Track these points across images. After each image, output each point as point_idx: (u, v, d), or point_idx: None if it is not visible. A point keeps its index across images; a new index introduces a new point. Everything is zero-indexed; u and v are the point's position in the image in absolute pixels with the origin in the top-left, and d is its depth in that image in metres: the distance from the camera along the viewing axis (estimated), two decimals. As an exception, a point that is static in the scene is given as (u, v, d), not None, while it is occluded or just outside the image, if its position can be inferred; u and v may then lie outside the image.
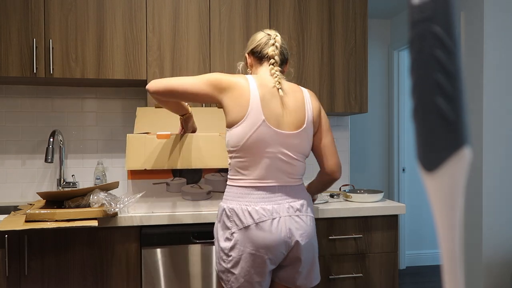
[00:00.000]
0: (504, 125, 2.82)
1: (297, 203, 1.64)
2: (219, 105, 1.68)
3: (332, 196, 2.53)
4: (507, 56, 2.81)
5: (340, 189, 2.70)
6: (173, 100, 1.73)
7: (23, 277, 1.94)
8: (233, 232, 1.57)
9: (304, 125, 1.67)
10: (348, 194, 2.40)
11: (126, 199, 1.92)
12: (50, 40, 2.27)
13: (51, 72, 2.27)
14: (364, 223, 2.25)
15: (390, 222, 2.28)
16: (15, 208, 2.24)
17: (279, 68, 1.71)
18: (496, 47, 2.80)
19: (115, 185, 2.17)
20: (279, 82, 1.67)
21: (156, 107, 2.23)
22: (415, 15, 0.44)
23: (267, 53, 1.72)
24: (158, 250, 2.04)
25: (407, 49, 4.09)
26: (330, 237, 2.20)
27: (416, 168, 4.26)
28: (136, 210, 2.01)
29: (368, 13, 3.85)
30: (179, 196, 2.05)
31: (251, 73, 1.79)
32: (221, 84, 1.63)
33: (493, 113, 2.80)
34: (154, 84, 1.66)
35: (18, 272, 1.93)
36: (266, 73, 1.71)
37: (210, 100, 1.67)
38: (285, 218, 1.59)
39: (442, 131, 0.43)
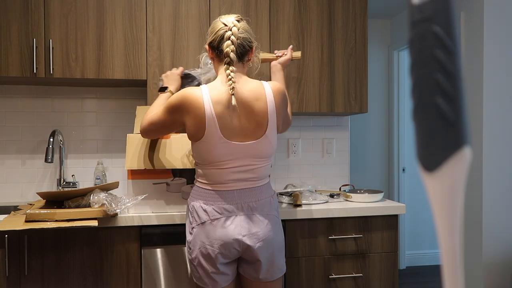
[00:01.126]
0: (504, 125, 2.82)
1: (256, 203, 1.67)
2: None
3: (332, 196, 2.53)
4: (507, 56, 2.81)
5: (340, 189, 2.71)
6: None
7: (23, 277, 1.94)
8: (193, 227, 1.67)
9: (266, 132, 1.64)
10: (348, 194, 2.40)
11: (127, 200, 1.92)
12: (50, 40, 2.27)
13: (51, 72, 2.27)
14: (364, 223, 2.25)
15: (390, 222, 2.28)
16: (15, 208, 2.24)
17: (234, 68, 1.61)
18: (496, 47, 2.80)
19: (115, 185, 2.17)
20: (233, 88, 1.58)
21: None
22: (415, 15, 0.44)
23: (223, 50, 1.62)
24: (158, 250, 2.04)
25: (407, 49, 4.08)
26: (330, 237, 2.21)
27: (416, 168, 4.26)
28: (136, 210, 2.01)
29: (368, 13, 3.85)
30: (179, 196, 2.05)
31: (213, 65, 1.76)
32: (175, 107, 1.65)
33: (493, 113, 2.80)
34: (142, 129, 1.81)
35: (18, 272, 1.93)
36: (223, 76, 1.64)
37: (180, 125, 1.69)
38: (240, 217, 1.64)
39: (442, 131, 0.43)
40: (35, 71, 2.25)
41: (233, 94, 1.59)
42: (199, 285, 1.70)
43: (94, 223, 1.83)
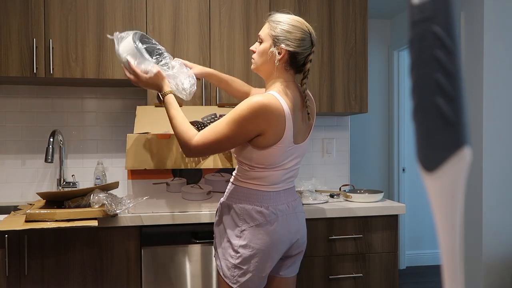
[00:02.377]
0: (504, 125, 2.82)
1: (295, 202, 1.73)
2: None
3: (332, 196, 2.53)
4: (507, 56, 2.81)
5: (340, 189, 2.71)
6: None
7: (23, 277, 1.94)
8: (244, 230, 1.60)
9: (310, 132, 1.73)
10: (348, 194, 2.40)
11: (127, 201, 1.93)
12: (50, 40, 2.27)
13: (51, 72, 2.27)
14: (364, 223, 2.25)
15: (390, 222, 2.28)
16: (15, 208, 2.24)
17: (306, 87, 1.68)
18: (496, 47, 2.80)
19: (115, 185, 2.17)
20: (309, 107, 1.67)
21: (156, 106, 2.23)
22: (415, 15, 0.44)
23: (302, 66, 1.65)
24: (158, 250, 2.04)
25: (407, 49, 4.08)
26: (330, 237, 2.20)
27: (416, 168, 4.26)
28: (136, 210, 2.01)
29: (368, 13, 3.85)
30: (179, 196, 2.05)
31: (275, 64, 1.61)
32: (254, 116, 1.52)
33: (493, 113, 2.80)
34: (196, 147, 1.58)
35: (18, 272, 1.93)
36: (290, 84, 1.65)
37: (253, 136, 1.59)
38: (290, 216, 1.67)
39: (442, 131, 0.43)
40: (35, 71, 2.25)
41: (308, 113, 1.66)
42: None
43: (94, 223, 1.83)
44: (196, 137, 1.57)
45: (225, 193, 1.72)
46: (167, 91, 1.70)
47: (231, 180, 1.72)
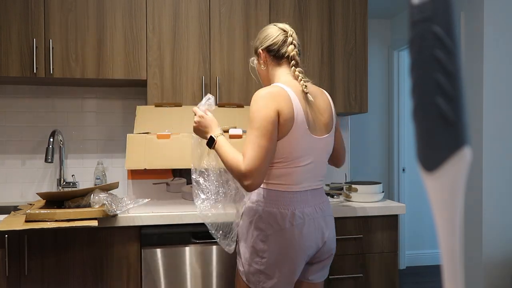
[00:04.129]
0: (504, 125, 2.82)
1: (323, 205, 1.68)
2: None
3: (332, 196, 2.53)
4: (507, 56, 2.81)
5: (343, 184, 2.71)
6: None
7: (23, 277, 1.94)
8: (269, 234, 1.56)
9: (333, 128, 1.70)
10: (348, 194, 2.40)
11: (128, 202, 1.93)
12: (50, 40, 2.27)
13: (51, 72, 2.27)
14: (364, 223, 2.25)
15: (390, 222, 2.28)
16: (15, 208, 2.24)
17: (301, 69, 1.66)
18: (496, 47, 2.80)
19: (115, 185, 2.17)
20: (306, 86, 1.62)
21: (156, 106, 2.23)
22: (415, 15, 0.44)
23: (286, 53, 1.66)
24: (158, 250, 2.04)
25: (407, 49, 4.08)
26: (330, 237, 2.20)
27: (416, 168, 4.26)
28: (136, 210, 2.01)
29: (368, 13, 3.85)
30: (179, 196, 2.05)
31: (264, 68, 1.71)
32: (270, 98, 1.53)
33: (493, 113, 2.80)
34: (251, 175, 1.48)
35: (18, 272, 1.93)
36: (288, 76, 1.66)
37: (277, 125, 1.54)
38: (316, 220, 1.62)
39: (442, 131, 0.43)
40: (35, 71, 2.25)
41: (307, 93, 1.61)
42: None
43: (94, 223, 1.83)
44: (243, 162, 1.48)
45: (250, 196, 1.66)
46: (218, 134, 1.63)
47: None
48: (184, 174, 2.05)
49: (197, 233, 2.06)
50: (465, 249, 2.92)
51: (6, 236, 1.90)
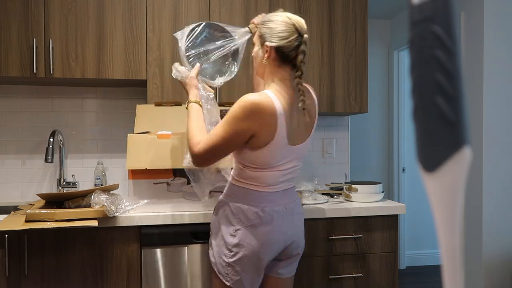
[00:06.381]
0: (504, 125, 2.82)
1: (293, 204, 1.72)
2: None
3: (332, 196, 2.53)
4: (507, 56, 2.81)
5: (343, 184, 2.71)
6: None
7: (23, 277, 1.94)
8: (238, 229, 1.61)
9: (311, 133, 1.70)
10: (348, 194, 2.40)
11: (128, 203, 1.93)
12: (50, 40, 2.27)
13: (51, 72, 2.27)
14: (364, 223, 2.25)
15: (390, 222, 2.28)
16: (15, 208, 2.24)
17: (302, 81, 1.59)
18: (496, 47, 2.80)
19: (115, 187, 2.17)
20: (304, 102, 1.58)
21: (156, 105, 2.23)
22: (415, 15, 0.44)
23: (293, 59, 1.59)
24: (158, 250, 2.04)
25: (407, 49, 4.08)
26: (330, 237, 2.20)
27: (416, 168, 4.26)
28: (136, 210, 2.01)
29: (368, 13, 3.85)
30: (179, 196, 2.05)
31: (265, 63, 1.61)
32: (246, 116, 1.51)
33: (493, 113, 2.80)
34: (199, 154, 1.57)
35: (18, 272, 1.93)
36: (285, 82, 1.60)
37: (248, 137, 1.55)
38: (286, 218, 1.67)
39: (442, 131, 0.43)
40: (35, 71, 2.25)
41: (304, 109, 1.60)
42: None
43: (94, 223, 1.83)
44: (199, 143, 1.57)
45: (224, 191, 1.73)
46: (193, 101, 1.71)
47: (229, 179, 1.72)
48: (184, 174, 2.05)
49: (197, 233, 2.06)
50: (465, 249, 2.92)
51: (6, 236, 1.90)
